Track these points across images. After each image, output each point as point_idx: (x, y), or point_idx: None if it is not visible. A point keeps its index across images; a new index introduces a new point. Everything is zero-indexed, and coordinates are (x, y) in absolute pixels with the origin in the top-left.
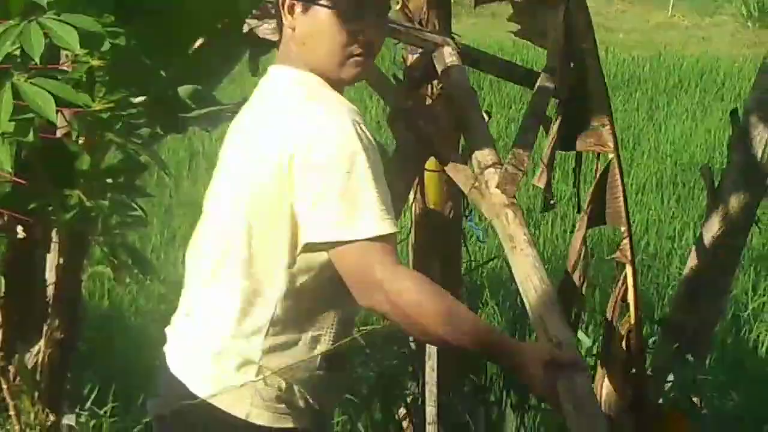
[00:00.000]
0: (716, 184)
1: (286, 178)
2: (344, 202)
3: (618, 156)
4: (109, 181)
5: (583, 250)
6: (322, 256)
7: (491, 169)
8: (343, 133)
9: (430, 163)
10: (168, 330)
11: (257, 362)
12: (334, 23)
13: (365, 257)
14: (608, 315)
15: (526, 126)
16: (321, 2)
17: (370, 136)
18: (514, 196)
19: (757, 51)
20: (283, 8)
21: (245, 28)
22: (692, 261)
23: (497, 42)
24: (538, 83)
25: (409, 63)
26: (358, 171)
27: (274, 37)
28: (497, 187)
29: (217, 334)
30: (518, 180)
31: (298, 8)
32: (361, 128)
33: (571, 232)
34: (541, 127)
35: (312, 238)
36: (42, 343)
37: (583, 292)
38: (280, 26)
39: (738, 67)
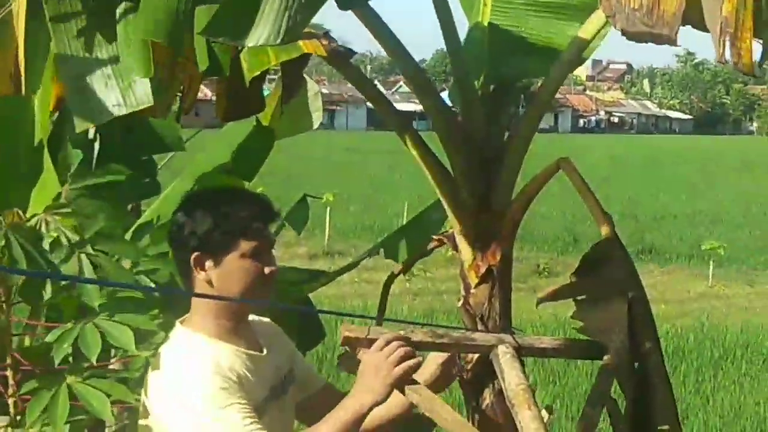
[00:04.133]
0: None
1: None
2: None
3: None
4: None
5: None
6: None
7: None
8: (200, 390)
9: None
10: None
11: None
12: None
13: None
14: None
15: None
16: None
17: (224, 384)
18: None
19: None
20: (196, 267)
21: None
22: None
23: (538, 318)
24: (598, 379)
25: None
26: (207, 415)
27: None
28: None
29: None
30: None
31: (209, 262)
32: (214, 379)
33: None
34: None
35: None
36: None
37: None
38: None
39: None
